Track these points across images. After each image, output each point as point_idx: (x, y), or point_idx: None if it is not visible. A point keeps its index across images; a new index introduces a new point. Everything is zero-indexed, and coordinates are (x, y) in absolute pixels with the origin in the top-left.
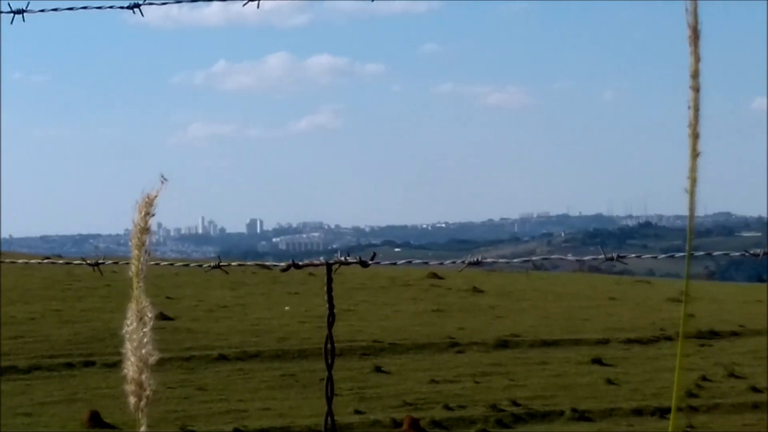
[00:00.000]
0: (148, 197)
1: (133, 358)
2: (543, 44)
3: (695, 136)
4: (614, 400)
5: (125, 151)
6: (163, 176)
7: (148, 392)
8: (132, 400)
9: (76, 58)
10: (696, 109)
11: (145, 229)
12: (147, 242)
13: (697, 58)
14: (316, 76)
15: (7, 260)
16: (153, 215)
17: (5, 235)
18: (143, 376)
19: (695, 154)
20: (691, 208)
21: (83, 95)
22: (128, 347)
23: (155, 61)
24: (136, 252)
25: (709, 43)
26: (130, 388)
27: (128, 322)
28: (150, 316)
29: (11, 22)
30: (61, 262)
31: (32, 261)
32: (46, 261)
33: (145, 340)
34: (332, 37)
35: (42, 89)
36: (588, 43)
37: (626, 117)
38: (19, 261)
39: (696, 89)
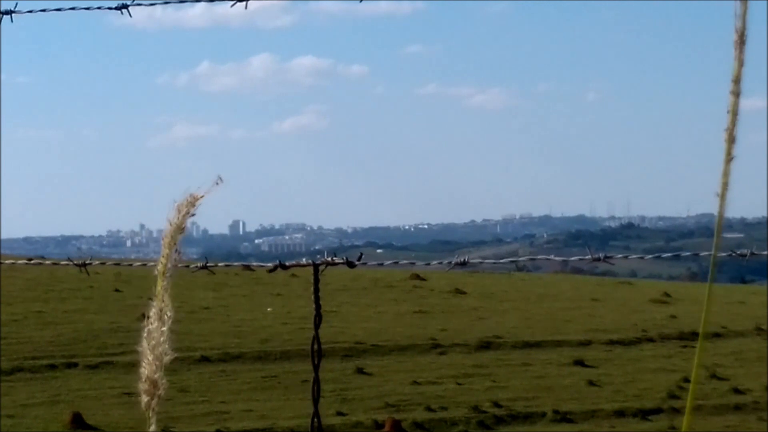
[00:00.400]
0: (192, 197)
1: (150, 357)
2: (526, 45)
3: (731, 141)
4: (596, 402)
5: (108, 153)
6: (220, 177)
7: (161, 391)
8: (144, 398)
9: (60, 60)
10: (734, 113)
11: (181, 229)
12: (179, 242)
13: (740, 63)
14: (299, 78)
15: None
16: (193, 215)
17: None
18: (157, 375)
19: (729, 158)
20: (721, 213)
21: (67, 96)
22: (146, 345)
23: (139, 62)
24: (166, 251)
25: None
26: (143, 386)
27: (150, 320)
28: (169, 315)
29: None
30: (48, 262)
31: (19, 261)
32: (33, 262)
33: (163, 339)
34: (316, 38)
35: (25, 90)
36: (571, 44)
37: (609, 118)
38: (6, 262)
39: (736, 94)
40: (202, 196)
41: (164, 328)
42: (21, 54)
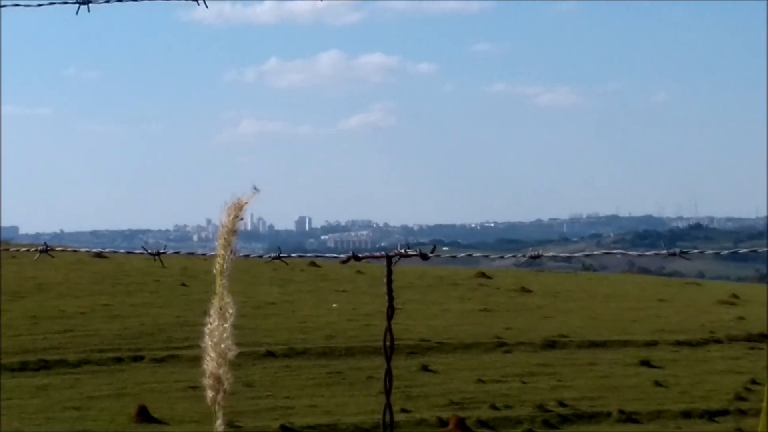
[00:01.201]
0: (239, 201)
1: (213, 354)
2: (595, 44)
3: None
4: (662, 402)
5: (176, 148)
6: (255, 187)
7: (225, 386)
8: (209, 393)
9: (129, 55)
10: None
11: (233, 231)
12: (233, 243)
13: None
14: (367, 75)
15: (58, 248)
16: (242, 219)
17: (56, 229)
18: (221, 371)
19: None
20: None
21: (135, 91)
22: (208, 342)
23: (207, 58)
24: (221, 251)
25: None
26: (208, 382)
27: (210, 318)
28: (231, 312)
29: (76, 13)
30: (122, 251)
31: (83, 250)
32: (106, 250)
33: (225, 335)
34: (384, 35)
35: (94, 85)
36: (640, 43)
37: (678, 118)
38: (86, 250)
39: None
40: (247, 202)
41: (226, 325)
42: (90, 49)
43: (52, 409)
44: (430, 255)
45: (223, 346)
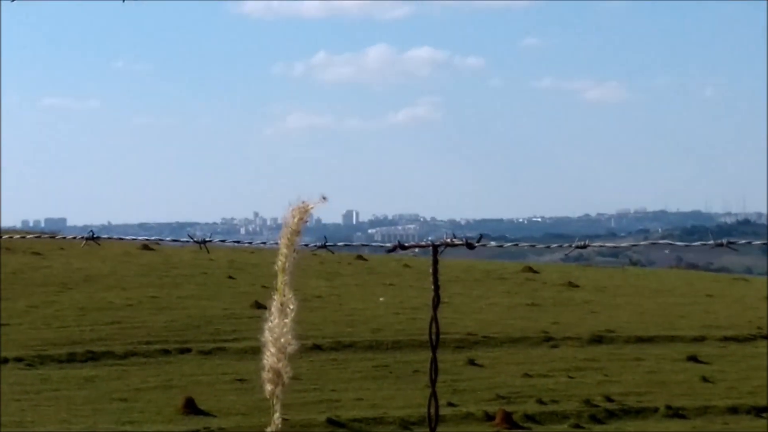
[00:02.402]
0: (305, 206)
1: (273, 348)
2: (643, 39)
3: None
4: (709, 398)
5: (224, 141)
6: (324, 196)
7: (285, 380)
8: (268, 387)
9: (178, 48)
10: None
11: (297, 232)
12: (296, 243)
13: None
14: (415, 69)
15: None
16: (306, 222)
17: (103, 221)
18: (281, 365)
19: None
20: None
21: (183, 85)
22: (269, 337)
23: (255, 51)
24: (285, 250)
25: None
26: (267, 375)
27: (272, 314)
28: (292, 308)
29: (123, 0)
30: (168, 239)
31: (128, 238)
32: (152, 238)
33: (285, 329)
34: (433, 29)
35: (143, 78)
36: (689, 38)
37: (726, 114)
38: (138, 238)
39: None
40: (313, 207)
41: (287, 320)
42: (141, 42)
43: (100, 400)
44: (476, 244)
45: (282, 340)
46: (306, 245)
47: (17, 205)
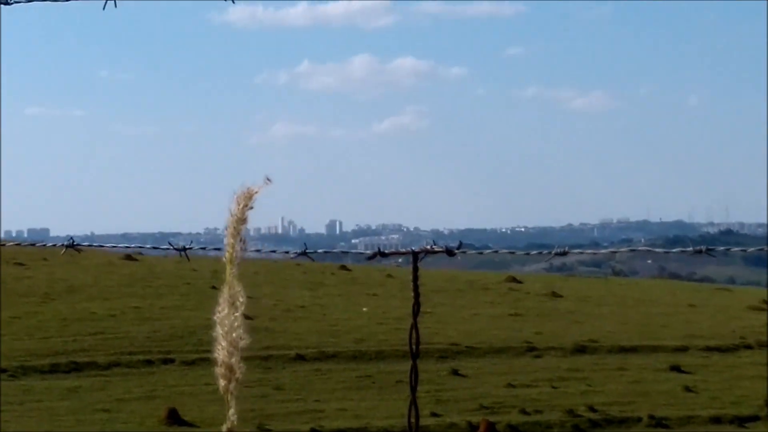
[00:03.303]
0: (249, 191)
1: (224, 342)
2: (628, 48)
3: None
4: (692, 408)
5: (207, 150)
6: (268, 177)
7: (238, 375)
8: (222, 382)
9: (162, 57)
10: None
11: (242, 220)
12: (242, 232)
13: None
14: (399, 78)
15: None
16: (251, 208)
17: (86, 231)
18: (233, 360)
19: None
20: None
21: (168, 94)
22: (219, 331)
23: (239, 60)
24: (231, 240)
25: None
26: (220, 371)
27: (220, 307)
28: (242, 300)
29: (103, 8)
30: (148, 246)
31: (108, 245)
32: (132, 245)
33: (236, 324)
34: (417, 39)
35: (127, 87)
36: (673, 47)
37: (710, 123)
38: (124, 246)
39: None
40: (257, 191)
41: (237, 314)
42: (124, 51)
43: (83, 411)
44: (456, 251)
45: (234, 335)
46: (287, 252)
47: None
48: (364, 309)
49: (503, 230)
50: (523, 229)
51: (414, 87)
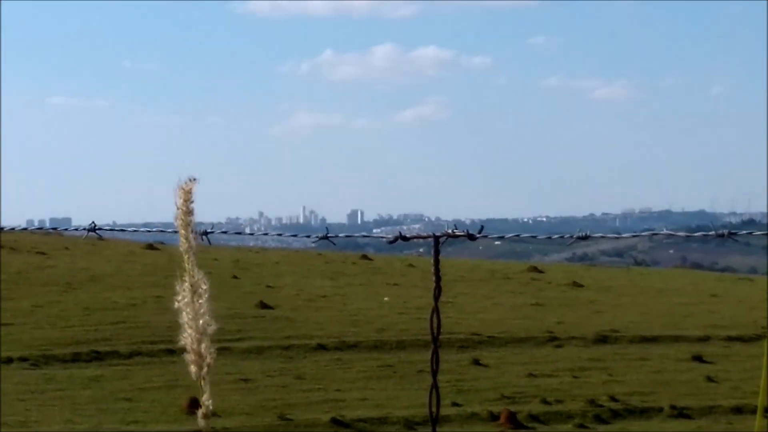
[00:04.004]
0: (184, 188)
1: (189, 330)
2: (651, 39)
3: None
4: (714, 398)
5: (230, 140)
6: (193, 178)
7: (209, 360)
8: (193, 368)
9: (185, 47)
10: None
11: (188, 212)
12: (192, 222)
13: None
14: (422, 68)
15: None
16: (192, 202)
17: (108, 221)
18: (202, 346)
19: None
20: None
21: (190, 84)
22: (184, 319)
23: (262, 50)
24: (183, 231)
25: None
26: (189, 357)
27: (181, 296)
28: (204, 288)
29: None
30: (170, 231)
31: (130, 229)
32: (153, 230)
33: (202, 311)
34: (440, 28)
35: (151, 77)
36: (697, 37)
37: (733, 113)
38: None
39: None
40: (191, 187)
41: (201, 301)
42: (147, 41)
43: (104, 400)
44: (478, 236)
45: (201, 321)
46: (308, 236)
47: (22, 205)
48: (386, 299)
49: (525, 220)
50: (544, 219)
51: (436, 76)
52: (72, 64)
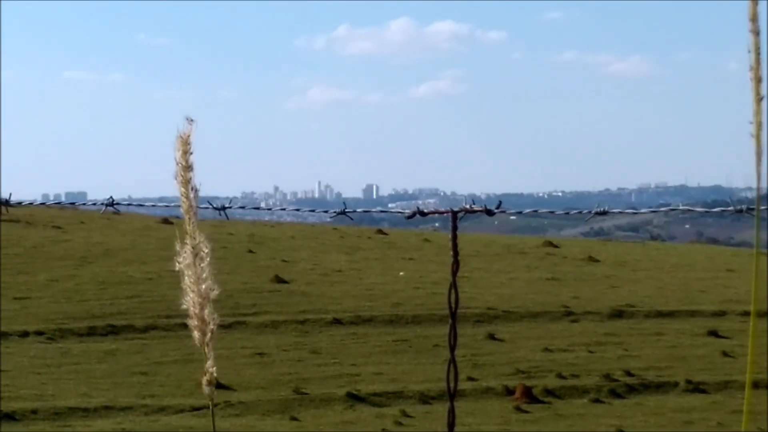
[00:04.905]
0: (182, 136)
1: (191, 294)
2: (668, 13)
3: (758, 80)
4: (730, 373)
5: (245, 114)
6: (190, 118)
7: (212, 326)
8: (196, 334)
9: (199, 21)
10: (757, 52)
11: (188, 167)
12: (192, 179)
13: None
14: (437, 43)
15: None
16: (191, 153)
17: (124, 195)
18: (205, 311)
19: (758, 98)
20: (758, 153)
21: (205, 58)
22: (186, 282)
23: (277, 25)
24: (183, 189)
25: None
26: (192, 323)
27: (182, 258)
28: (206, 251)
29: None
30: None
31: (148, 204)
32: (173, 205)
33: (204, 275)
34: (456, 2)
35: (165, 51)
36: (712, 12)
37: (749, 88)
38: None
39: (756, 33)
40: (189, 134)
41: (203, 264)
42: (161, 15)
43: (120, 374)
44: (495, 211)
45: (204, 286)
46: (326, 211)
47: (37, 179)
48: (401, 273)
49: (540, 195)
50: (560, 194)
51: (452, 51)
52: (87, 38)
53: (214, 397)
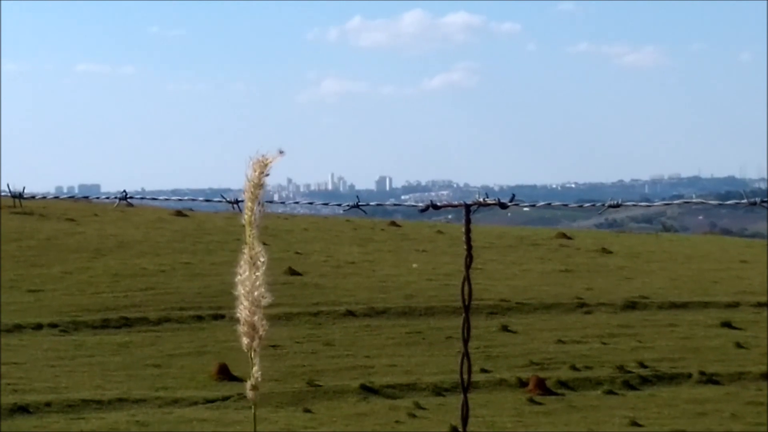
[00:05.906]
0: (264, 159)
1: (246, 302)
2: (681, 4)
3: None
4: (743, 364)
5: (258, 107)
6: (281, 150)
7: (261, 333)
8: (245, 340)
9: (212, 14)
10: None
11: (259, 185)
12: (260, 196)
13: None
14: (451, 34)
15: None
16: (267, 175)
17: (137, 188)
18: (256, 318)
19: None
20: None
21: (218, 50)
22: (241, 291)
23: (289, 17)
24: (249, 204)
25: None
26: (243, 329)
27: (241, 268)
28: (262, 260)
29: None
30: (200, 199)
31: (161, 197)
32: (185, 198)
33: (258, 283)
34: None
35: (178, 44)
36: (725, 3)
37: (762, 78)
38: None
39: None
40: (271, 161)
41: (258, 273)
42: (174, 8)
43: (133, 366)
44: (509, 204)
45: (256, 294)
46: (339, 204)
47: (51, 171)
48: (414, 265)
49: (553, 186)
50: (573, 186)
51: (465, 43)
52: (99, 31)
53: (256, 402)
